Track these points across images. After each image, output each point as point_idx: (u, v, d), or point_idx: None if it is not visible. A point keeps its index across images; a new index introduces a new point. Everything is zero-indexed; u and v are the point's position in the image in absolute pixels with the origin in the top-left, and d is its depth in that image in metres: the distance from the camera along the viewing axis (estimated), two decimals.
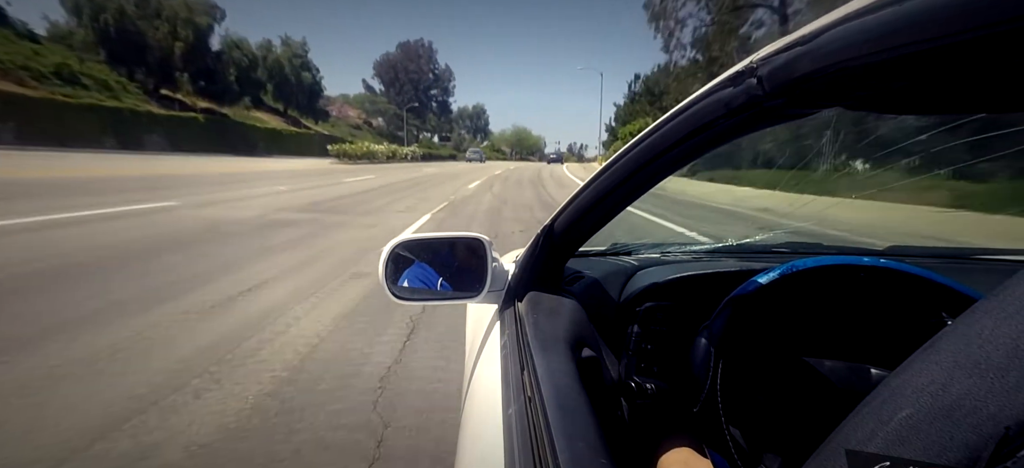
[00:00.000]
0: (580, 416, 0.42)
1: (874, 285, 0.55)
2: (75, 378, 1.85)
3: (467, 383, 0.79)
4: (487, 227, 6.25)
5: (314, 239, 4.79)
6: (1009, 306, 0.21)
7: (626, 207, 0.57)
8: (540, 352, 0.53)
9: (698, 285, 0.72)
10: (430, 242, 0.79)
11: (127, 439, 1.50)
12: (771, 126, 0.37)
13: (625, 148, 0.50)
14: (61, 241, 4.04)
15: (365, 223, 5.98)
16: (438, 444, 1.56)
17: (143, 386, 1.80)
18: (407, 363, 2.13)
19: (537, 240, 0.68)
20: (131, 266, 3.46)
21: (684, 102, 0.40)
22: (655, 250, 0.98)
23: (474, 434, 0.57)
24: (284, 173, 15.46)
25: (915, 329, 0.48)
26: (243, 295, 2.92)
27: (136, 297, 2.80)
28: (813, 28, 0.27)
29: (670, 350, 0.61)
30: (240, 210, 6.58)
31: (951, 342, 0.22)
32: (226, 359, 2.06)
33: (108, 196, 7.01)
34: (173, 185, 9.50)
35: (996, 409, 0.18)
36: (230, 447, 1.49)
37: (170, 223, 5.27)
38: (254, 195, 8.57)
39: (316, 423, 1.64)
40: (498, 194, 11.12)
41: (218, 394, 1.78)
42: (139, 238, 4.40)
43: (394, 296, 0.73)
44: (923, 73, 0.23)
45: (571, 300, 0.68)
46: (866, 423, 0.23)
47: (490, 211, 7.95)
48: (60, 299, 2.70)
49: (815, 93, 0.29)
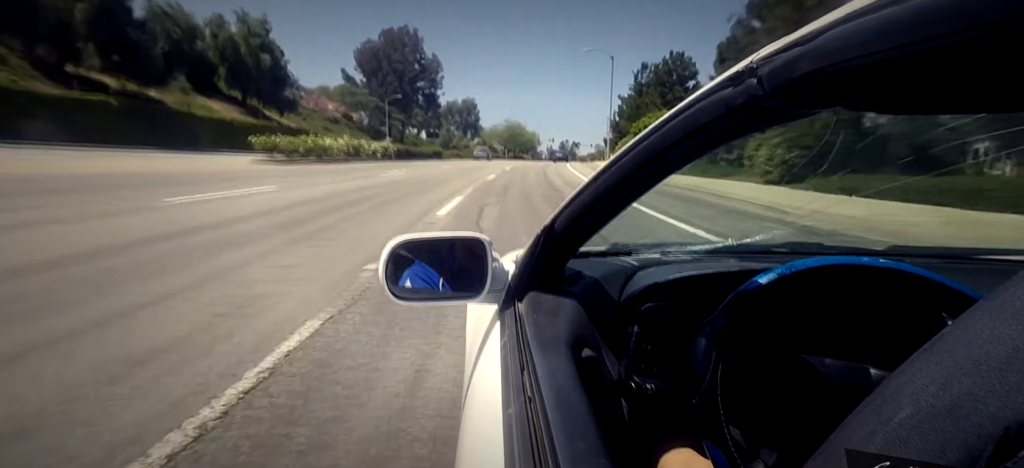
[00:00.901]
0: (580, 416, 0.42)
1: (874, 285, 0.55)
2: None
3: (467, 383, 0.79)
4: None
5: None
6: (1010, 306, 0.21)
7: (626, 207, 0.57)
8: (540, 352, 0.53)
9: (699, 285, 0.72)
10: (431, 242, 0.79)
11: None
12: (771, 126, 0.37)
13: (625, 148, 0.50)
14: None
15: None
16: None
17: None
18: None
19: (537, 240, 0.68)
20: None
21: (684, 102, 0.40)
22: (655, 250, 0.98)
23: (474, 434, 0.57)
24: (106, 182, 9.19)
25: (915, 329, 0.48)
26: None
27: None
28: (813, 28, 0.27)
29: (671, 350, 0.61)
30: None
31: (951, 342, 0.22)
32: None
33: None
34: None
35: (996, 409, 0.18)
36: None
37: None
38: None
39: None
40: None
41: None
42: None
43: (394, 296, 0.73)
44: (923, 73, 0.23)
45: (571, 300, 0.68)
46: (866, 423, 0.23)
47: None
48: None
49: (815, 93, 0.29)
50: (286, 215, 6.50)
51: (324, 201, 8.18)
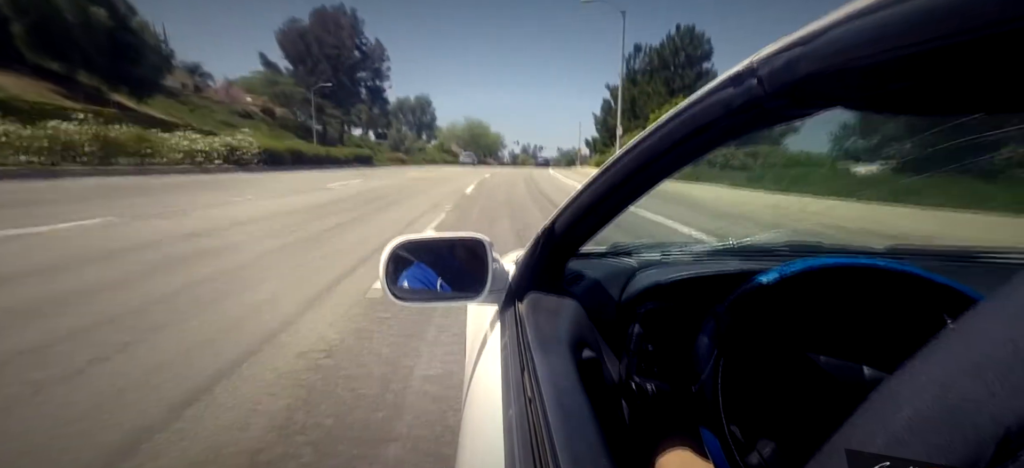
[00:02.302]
0: (581, 417, 0.42)
1: (875, 285, 0.55)
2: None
3: (467, 384, 0.79)
4: None
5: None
6: (1011, 307, 0.21)
7: (626, 208, 0.57)
8: (540, 353, 0.53)
9: (699, 286, 0.72)
10: (431, 243, 0.79)
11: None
12: (772, 127, 0.37)
13: (625, 149, 0.50)
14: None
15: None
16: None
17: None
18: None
19: (537, 241, 0.68)
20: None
21: (684, 103, 0.40)
22: (656, 251, 0.98)
23: (474, 435, 0.57)
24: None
25: (916, 330, 0.48)
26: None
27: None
28: (814, 29, 0.27)
29: (671, 351, 0.61)
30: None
31: (952, 343, 0.22)
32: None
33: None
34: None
35: (997, 411, 0.18)
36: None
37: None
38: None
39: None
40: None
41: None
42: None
43: (394, 297, 0.73)
44: (924, 73, 0.23)
45: (572, 301, 0.68)
46: (867, 424, 0.22)
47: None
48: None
49: (816, 94, 0.29)
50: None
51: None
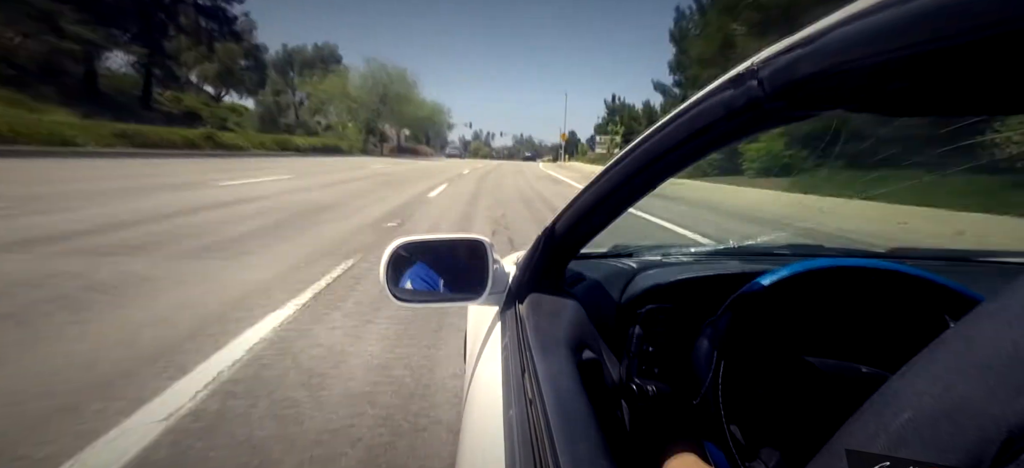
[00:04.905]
0: (581, 419, 0.42)
1: (876, 287, 0.55)
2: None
3: (467, 385, 0.79)
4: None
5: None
6: (1012, 309, 0.21)
7: (627, 209, 0.57)
8: (541, 354, 0.53)
9: (700, 287, 0.72)
10: (431, 244, 0.79)
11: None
12: (772, 128, 0.37)
13: (626, 150, 0.50)
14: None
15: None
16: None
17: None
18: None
19: (538, 242, 0.69)
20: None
21: (684, 104, 0.40)
22: (656, 252, 0.98)
23: (474, 436, 0.57)
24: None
25: (917, 331, 0.48)
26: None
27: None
28: (814, 30, 0.27)
29: (672, 352, 0.61)
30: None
31: (953, 344, 0.22)
32: None
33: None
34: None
35: (998, 412, 0.18)
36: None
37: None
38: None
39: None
40: None
41: None
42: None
43: (395, 297, 0.73)
44: (925, 75, 0.23)
45: (572, 302, 0.68)
46: (868, 424, 0.22)
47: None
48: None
49: (816, 95, 0.29)
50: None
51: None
